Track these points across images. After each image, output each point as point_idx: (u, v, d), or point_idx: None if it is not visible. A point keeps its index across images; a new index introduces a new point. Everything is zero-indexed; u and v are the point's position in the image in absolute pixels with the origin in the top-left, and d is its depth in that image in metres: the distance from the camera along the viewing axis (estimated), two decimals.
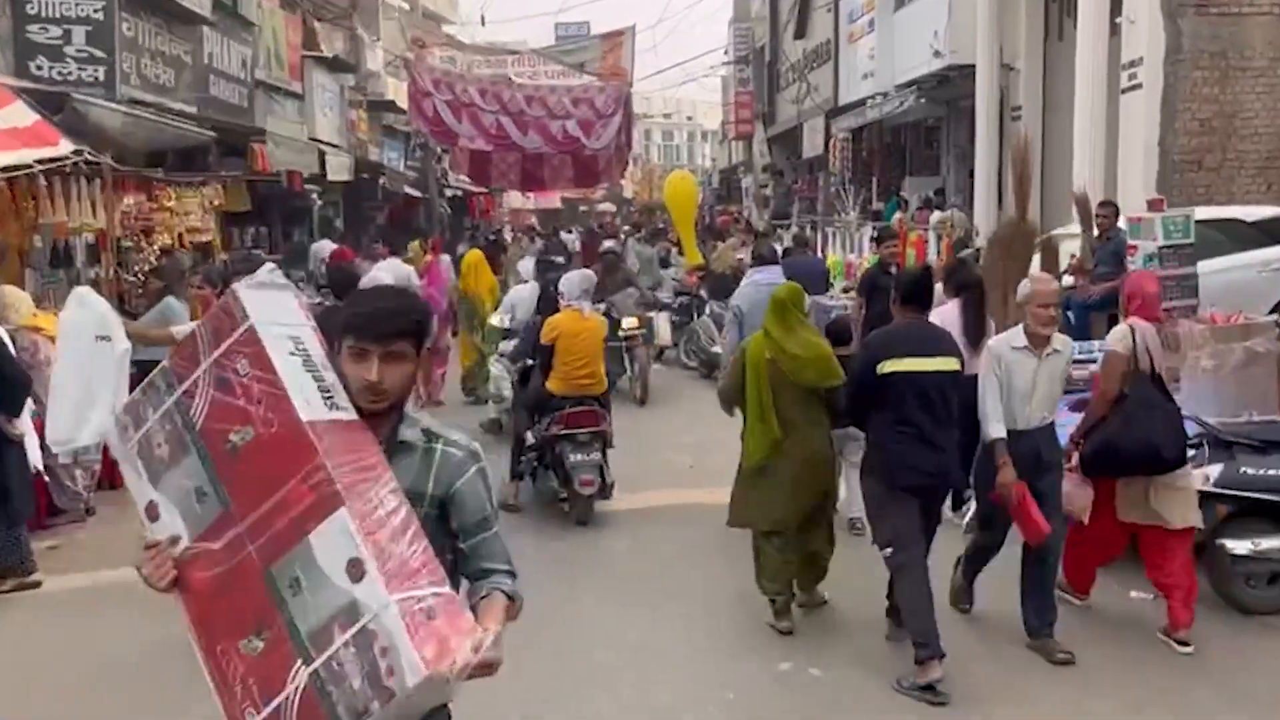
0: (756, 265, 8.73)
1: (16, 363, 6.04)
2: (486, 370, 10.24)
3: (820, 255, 14.20)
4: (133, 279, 8.69)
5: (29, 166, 6.83)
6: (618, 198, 53.78)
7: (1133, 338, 5.16)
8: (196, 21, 13.50)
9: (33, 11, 10.64)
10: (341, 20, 21.77)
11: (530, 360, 7.94)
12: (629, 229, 23.25)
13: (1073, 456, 5.29)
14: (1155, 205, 8.04)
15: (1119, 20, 12.67)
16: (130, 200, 8.45)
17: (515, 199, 39.06)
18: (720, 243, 18.26)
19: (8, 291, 6.69)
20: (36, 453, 6.25)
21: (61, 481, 7.01)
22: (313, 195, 19.20)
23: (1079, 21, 13.26)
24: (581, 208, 53.00)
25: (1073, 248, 9.59)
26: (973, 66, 16.65)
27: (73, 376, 5.94)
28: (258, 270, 2.42)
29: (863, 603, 5.60)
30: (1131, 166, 12.51)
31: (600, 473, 7.28)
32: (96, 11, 10.88)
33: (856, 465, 5.61)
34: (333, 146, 19.58)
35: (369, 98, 23.86)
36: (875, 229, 13.77)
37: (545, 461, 7.62)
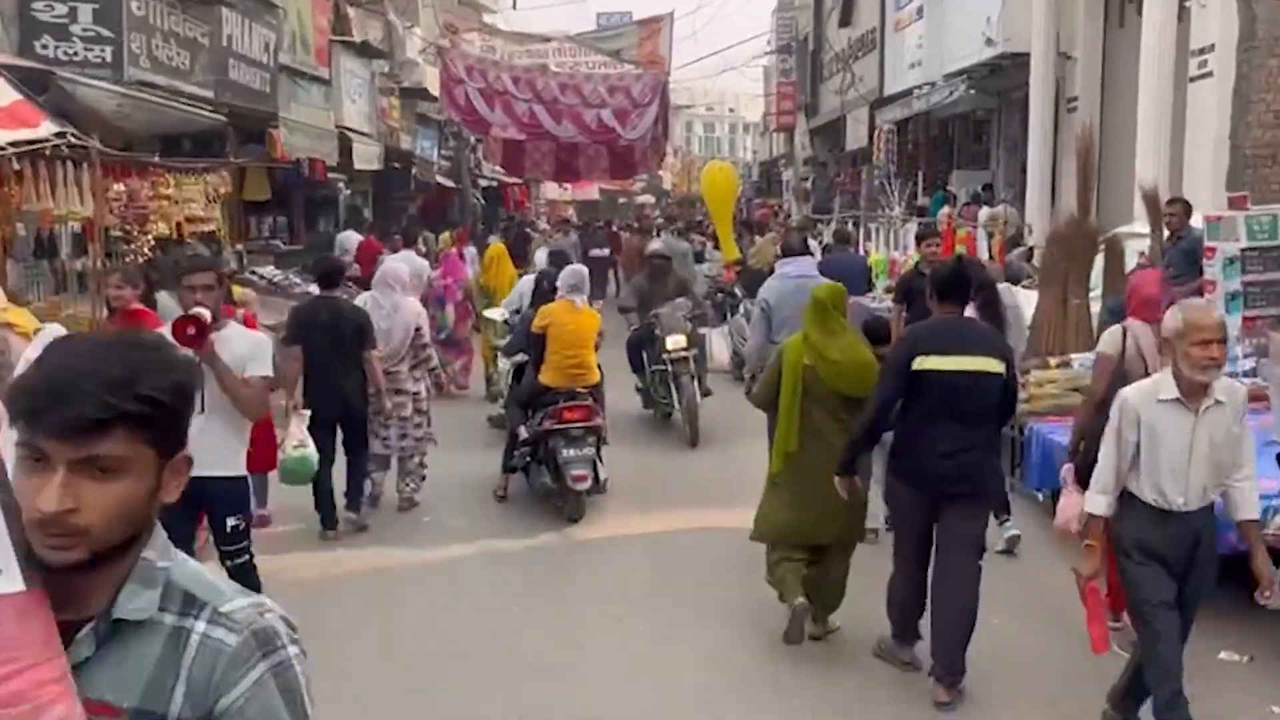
0: (786, 257, 8.14)
1: None
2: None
3: (862, 252, 13.45)
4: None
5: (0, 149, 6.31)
6: (657, 190, 53.07)
7: (1123, 340, 4.99)
8: (214, 2, 13.00)
9: None
10: (375, 5, 21.25)
11: (524, 353, 8.04)
12: (662, 222, 22.51)
13: (1065, 469, 5.04)
14: (1238, 203, 7.28)
15: (1188, 4, 11.83)
16: (120, 187, 7.93)
17: (552, 190, 38.53)
18: (759, 237, 17.56)
19: None
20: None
21: None
22: (339, 184, 18.69)
23: (1144, 6, 12.40)
24: (620, 200, 52.37)
25: (1140, 248, 8.83)
26: (1027, 55, 15.82)
27: None
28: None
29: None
30: (1199, 161, 11.65)
31: (594, 468, 7.24)
32: None
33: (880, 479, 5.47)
34: (361, 134, 19.06)
35: (402, 85, 23.35)
36: (920, 225, 12.99)
37: (538, 456, 7.55)
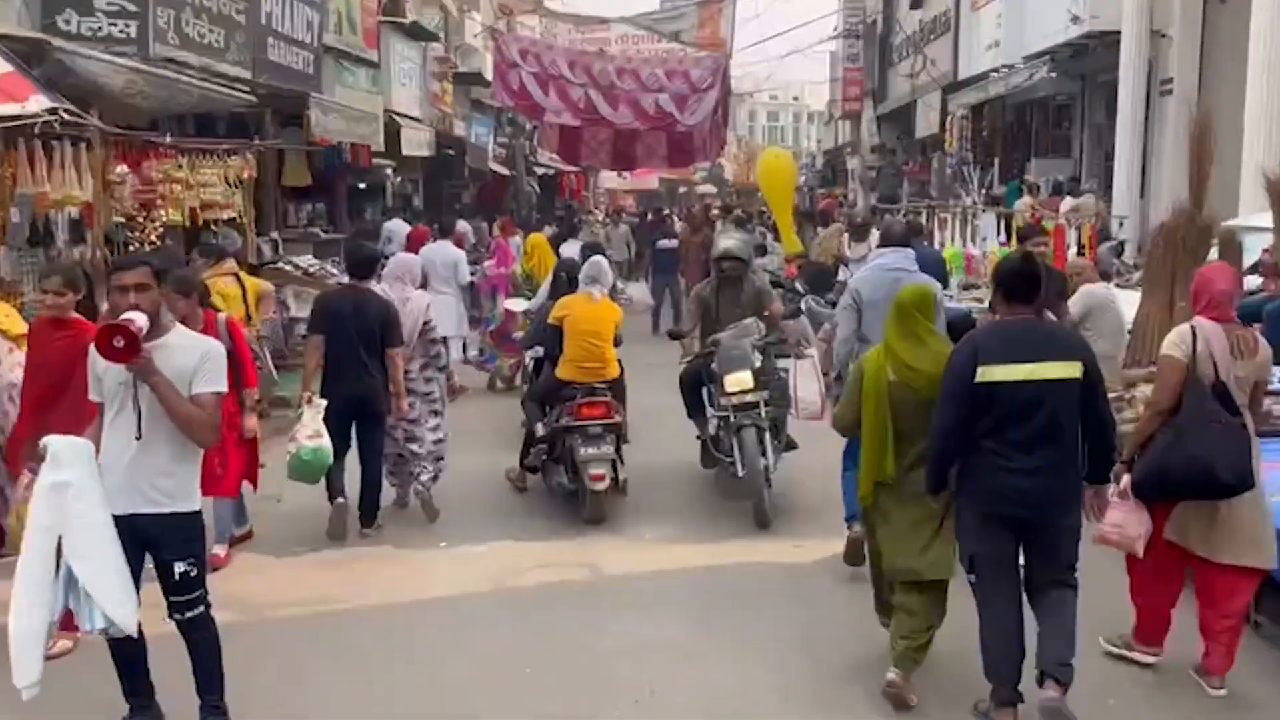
0: (885, 245, 6.87)
1: None
2: None
3: (936, 245, 12.45)
4: None
5: None
6: (718, 179, 52.03)
7: (1193, 341, 4.53)
8: None
9: None
10: None
11: (541, 346, 7.83)
12: (717, 212, 21.45)
13: (1122, 479, 4.61)
14: None
15: None
16: (123, 169, 7.29)
17: (610, 179, 37.74)
18: (822, 228, 16.61)
19: None
20: None
21: None
22: (386, 171, 18.06)
23: None
24: (680, 189, 51.45)
25: (1262, 243, 7.81)
26: (1117, 34, 14.73)
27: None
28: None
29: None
30: None
31: (613, 468, 6.98)
32: None
33: None
34: (410, 119, 18.43)
35: (456, 70, 22.72)
36: (1018, 221, 11.90)
37: (555, 455, 7.25)
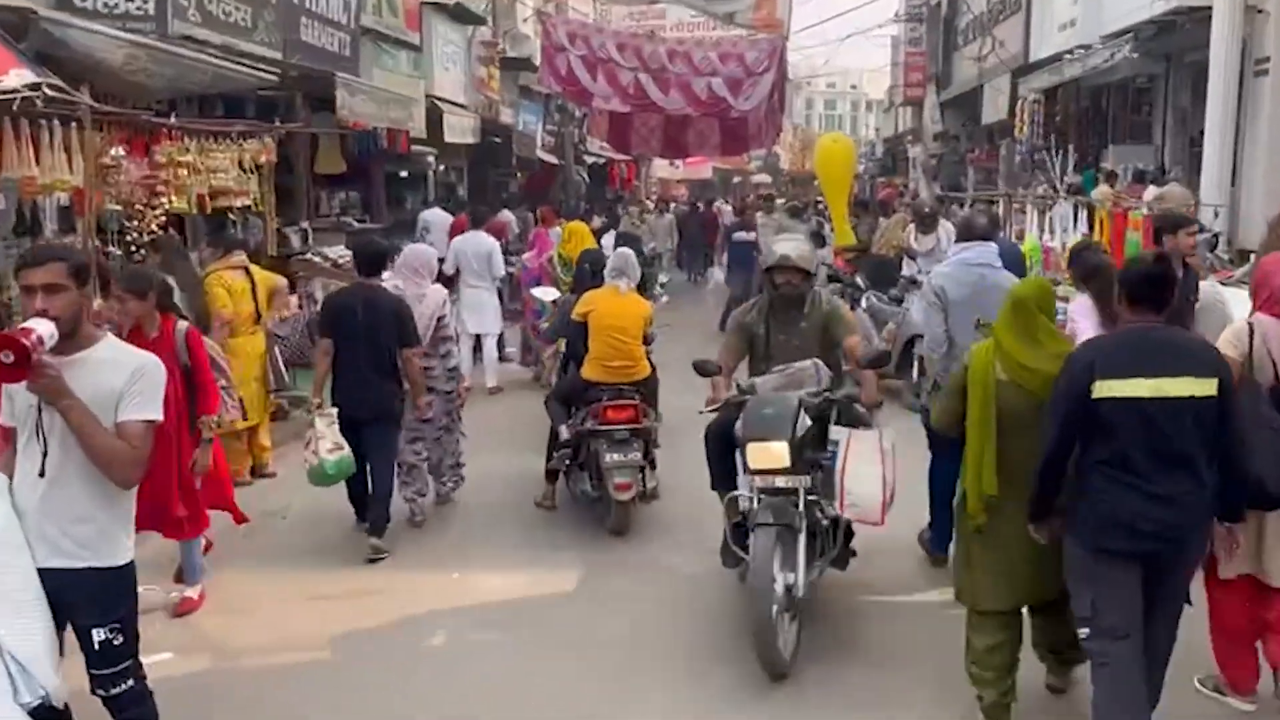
0: (968, 239, 6.19)
1: None
2: None
3: (1014, 238, 11.50)
4: (120, 253, 6.95)
5: None
6: (773, 168, 51.01)
7: (1249, 339, 4.22)
8: None
9: None
10: None
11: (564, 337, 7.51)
12: (751, 199, 20.35)
13: None
14: None
15: None
16: (119, 151, 6.67)
17: (662, 168, 36.87)
18: (883, 219, 15.67)
19: None
20: None
21: None
22: (427, 158, 17.42)
23: None
24: (735, 179, 50.50)
25: None
26: (1207, 10, 13.58)
27: None
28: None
29: None
30: None
31: (640, 476, 6.57)
32: None
33: None
34: (454, 105, 17.76)
35: (504, 55, 22.04)
36: (1101, 212, 10.91)
37: (580, 459, 6.83)
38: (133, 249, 6.91)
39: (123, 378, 3.22)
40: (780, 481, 4.81)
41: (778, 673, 4.62)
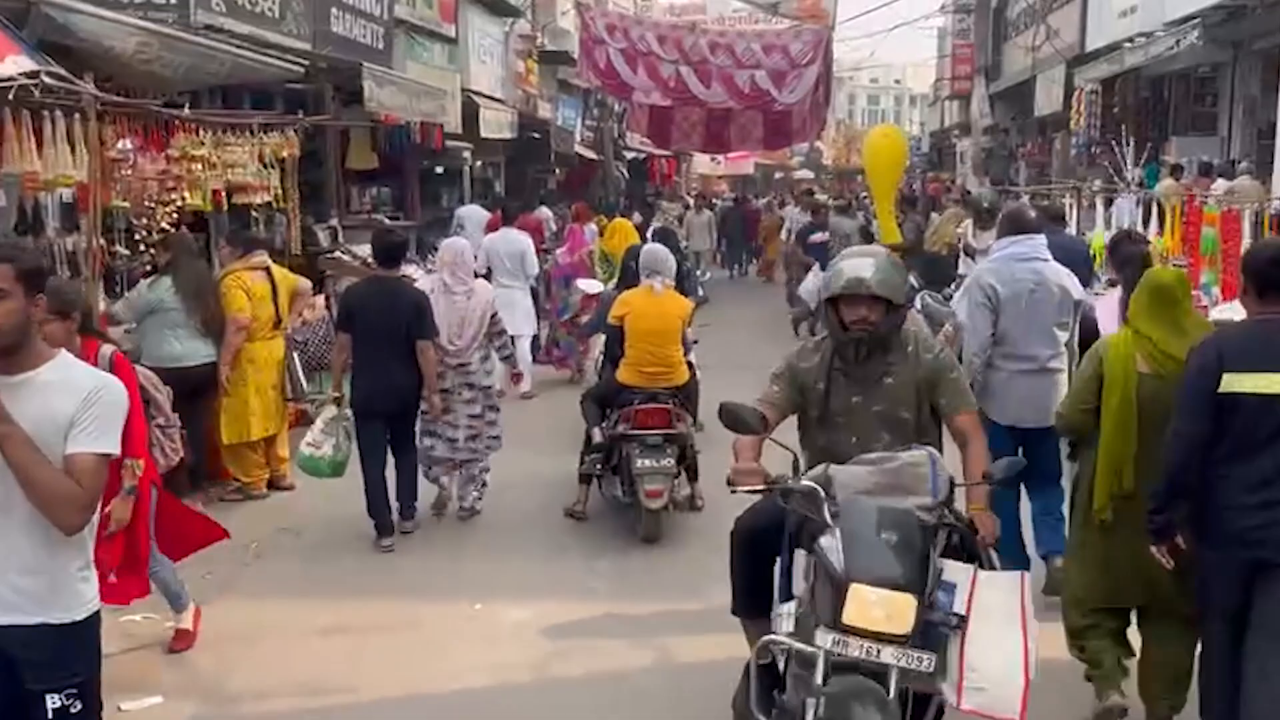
0: (1013, 234, 5.66)
1: None
2: None
3: (1079, 234, 10.87)
4: (126, 252, 6.58)
5: None
6: (815, 164, 50.23)
7: None
8: None
9: None
10: None
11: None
12: (771, 198, 19.58)
13: None
14: None
15: None
16: (126, 144, 6.29)
17: (703, 163, 36.29)
18: (935, 214, 15.06)
19: None
20: None
21: None
22: (463, 154, 17.02)
23: None
24: (777, 174, 49.81)
25: None
26: None
27: None
28: None
29: None
30: None
31: (673, 483, 6.30)
32: None
33: None
34: (490, 99, 17.35)
35: (543, 49, 21.62)
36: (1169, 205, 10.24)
37: (613, 464, 6.57)
38: (142, 248, 6.55)
39: (74, 402, 2.73)
40: (889, 653, 2.98)
41: None
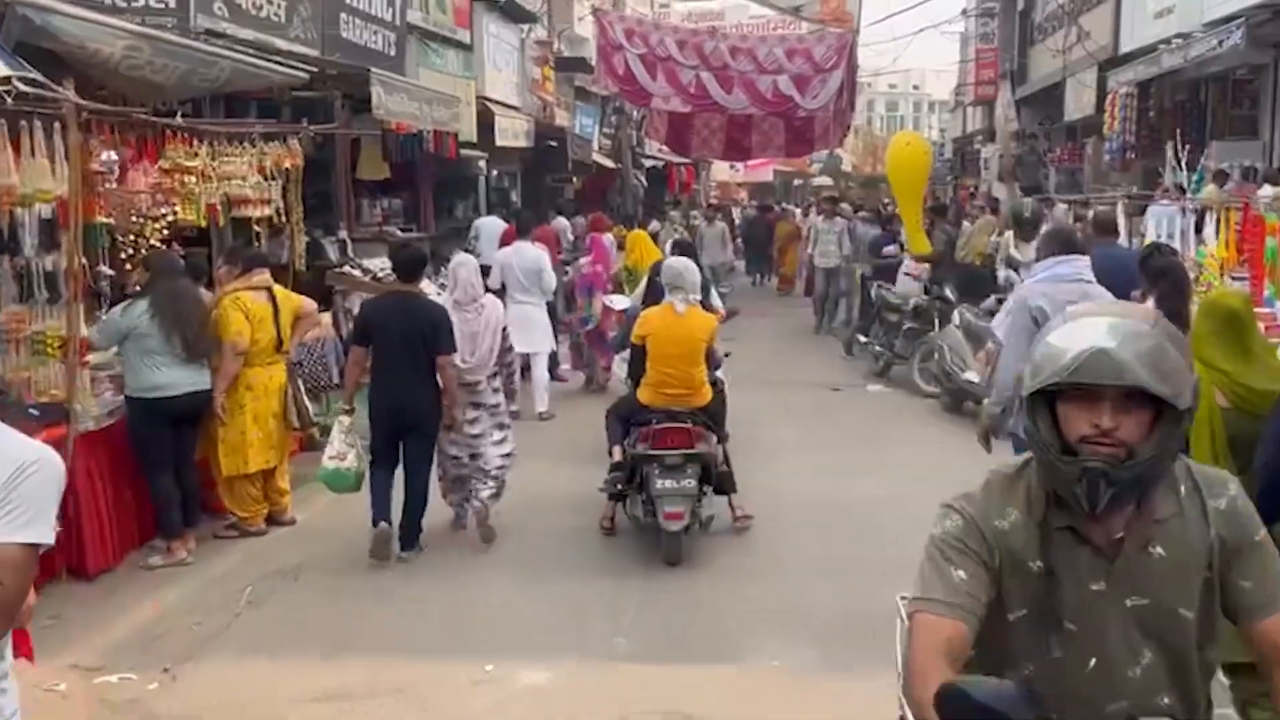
0: (1058, 253, 5.49)
1: None
2: None
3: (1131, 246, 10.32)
4: (111, 272, 6.12)
5: None
6: (835, 171, 49.63)
7: None
8: None
9: None
10: None
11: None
12: (829, 201, 18.85)
13: None
14: None
15: None
16: (111, 155, 5.85)
17: (722, 171, 35.83)
18: (967, 223, 14.52)
19: None
20: None
21: None
22: (479, 163, 16.58)
23: None
24: (795, 181, 49.25)
25: None
26: None
27: None
28: None
29: None
30: None
31: (694, 505, 6.14)
32: None
33: None
34: (506, 107, 16.91)
35: (560, 55, 21.18)
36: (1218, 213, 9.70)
37: (635, 482, 6.42)
38: (128, 267, 6.10)
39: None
40: None
41: None
